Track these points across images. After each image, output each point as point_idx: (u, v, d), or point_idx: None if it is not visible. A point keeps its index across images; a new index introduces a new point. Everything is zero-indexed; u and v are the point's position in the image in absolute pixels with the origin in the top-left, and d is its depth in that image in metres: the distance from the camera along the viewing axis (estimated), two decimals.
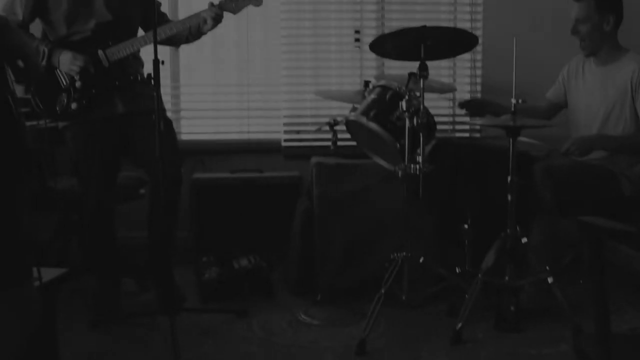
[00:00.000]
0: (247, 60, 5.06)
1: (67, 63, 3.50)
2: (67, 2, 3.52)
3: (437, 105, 5.11)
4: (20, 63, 1.86)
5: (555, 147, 3.75)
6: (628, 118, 3.72)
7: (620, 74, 3.74)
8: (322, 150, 4.48)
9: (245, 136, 5.08)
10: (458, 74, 5.17)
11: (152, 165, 3.33)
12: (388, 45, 3.52)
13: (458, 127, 5.19)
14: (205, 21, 3.63)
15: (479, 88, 5.09)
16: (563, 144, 3.66)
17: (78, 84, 3.52)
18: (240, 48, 5.06)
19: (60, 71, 3.54)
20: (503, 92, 3.86)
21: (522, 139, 3.43)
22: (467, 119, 5.14)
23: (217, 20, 3.64)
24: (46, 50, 3.49)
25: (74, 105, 3.54)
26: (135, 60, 3.73)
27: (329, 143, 4.10)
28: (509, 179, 3.26)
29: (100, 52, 3.54)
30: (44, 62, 3.48)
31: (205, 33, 3.72)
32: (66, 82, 3.54)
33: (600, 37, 3.79)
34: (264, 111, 5.10)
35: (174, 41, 3.82)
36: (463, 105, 4.18)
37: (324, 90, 4.82)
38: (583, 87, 3.94)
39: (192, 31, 3.72)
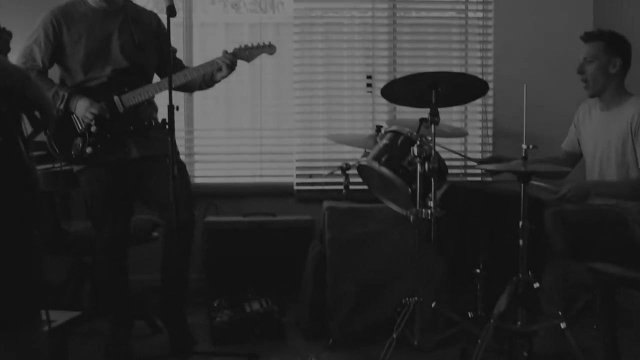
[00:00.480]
0: (260, 104, 5.12)
1: (83, 110, 3.55)
2: (85, 49, 3.59)
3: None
4: (38, 114, 1.91)
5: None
6: (630, 162, 3.72)
7: (621, 118, 3.75)
8: (334, 194, 4.50)
9: (257, 180, 5.13)
10: (470, 119, 5.21)
11: (166, 209, 3.35)
12: (399, 90, 3.55)
13: (469, 171, 5.21)
14: (219, 69, 3.69)
15: (490, 132, 5.12)
16: (561, 188, 3.67)
17: (93, 128, 3.57)
18: (254, 92, 5.13)
19: (77, 116, 3.59)
20: (514, 136, 3.88)
21: (534, 182, 3.44)
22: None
23: (231, 68, 3.70)
24: (65, 95, 3.55)
25: (89, 150, 3.58)
26: (150, 105, 3.78)
27: (341, 187, 4.13)
28: (520, 223, 3.26)
29: (115, 97, 3.59)
30: (61, 106, 3.54)
31: (218, 81, 3.79)
32: (82, 126, 3.59)
33: (605, 78, 3.81)
34: (277, 155, 5.15)
35: (188, 88, 3.88)
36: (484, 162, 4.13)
37: (336, 135, 4.87)
38: (589, 131, 3.97)
39: (206, 78, 3.79)
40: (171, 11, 3.09)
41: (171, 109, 3.11)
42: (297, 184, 5.06)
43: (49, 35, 3.59)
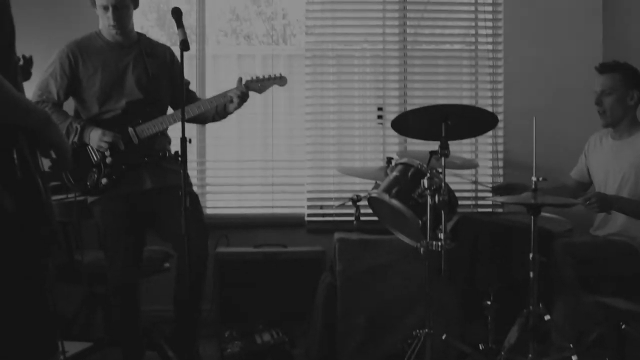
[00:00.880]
0: (271, 136, 5.16)
1: (96, 140, 3.60)
2: (100, 81, 3.65)
3: (459, 180, 5.16)
4: (53, 154, 1.93)
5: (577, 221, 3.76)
6: None
7: (634, 147, 3.78)
8: (345, 226, 4.52)
9: (269, 211, 5.15)
10: (480, 150, 5.23)
11: (179, 240, 3.37)
12: (409, 123, 3.58)
13: (480, 202, 5.21)
14: (231, 100, 3.74)
15: (500, 164, 5.13)
16: (586, 194, 3.68)
17: (109, 159, 3.61)
18: (265, 124, 5.17)
19: (92, 147, 3.63)
20: (525, 168, 3.90)
21: (544, 214, 3.45)
22: (489, 194, 5.17)
23: (243, 99, 3.74)
24: (78, 127, 3.60)
25: (104, 181, 3.62)
26: (164, 136, 3.83)
27: (352, 218, 4.15)
28: (530, 256, 3.27)
29: (130, 129, 3.64)
30: (75, 139, 3.59)
31: (231, 112, 3.83)
32: (97, 158, 3.63)
33: (623, 110, 3.84)
34: (288, 186, 5.18)
35: (202, 119, 3.93)
36: (497, 191, 4.16)
37: (347, 167, 4.90)
38: (599, 160, 3.99)
39: (219, 110, 3.83)
40: (185, 45, 3.13)
41: (184, 141, 3.13)
42: (308, 215, 5.08)
43: (65, 69, 3.65)
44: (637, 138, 3.81)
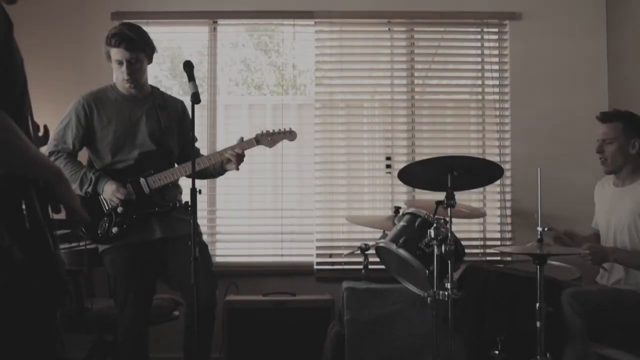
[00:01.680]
0: (281, 185, 5.21)
1: (110, 193, 3.65)
2: (114, 133, 3.72)
3: (468, 229, 5.19)
4: (63, 211, 1.97)
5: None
6: None
7: (634, 195, 3.79)
8: (353, 274, 4.53)
9: (278, 259, 5.18)
10: (488, 199, 5.25)
11: (188, 290, 3.40)
12: (416, 174, 3.62)
13: (489, 250, 5.22)
14: (228, 159, 3.79)
15: (508, 212, 5.15)
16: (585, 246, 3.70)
17: (120, 209, 3.67)
18: (275, 173, 5.23)
19: (104, 197, 3.69)
20: (533, 216, 3.93)
21: (552, 262, 3.45)
22: (497, 242, 5.19)
23: (239, 159, 3.79)
24: (93, 178, 3.66)
25: (115, 230, 3.66)
26: (175, 187, 3.88)
27: (361, 267, 4.17)
28: (537, 305, 3.27)
29: (142, 179, 3.70)
30: (89, 189, 3.65)
31: (229, 170, 3.88)
32: (108, 207, 3.69)
33: (624, 159, 3.86)
34: (297, 235, 5.21)
35: (204, 175, 3.97)
36: (557, 240, 4.01)
37: (355, 216, 4.93)
38: (603, 206, 4.01)
39: (216, 167, 3.88)
40: (196, 98, 3.17)
41: (194, 192, 3.17)
42: (317, 264, 5.11)
43: (80, 119, 3.72)
44: (637, 186, 3.82)
